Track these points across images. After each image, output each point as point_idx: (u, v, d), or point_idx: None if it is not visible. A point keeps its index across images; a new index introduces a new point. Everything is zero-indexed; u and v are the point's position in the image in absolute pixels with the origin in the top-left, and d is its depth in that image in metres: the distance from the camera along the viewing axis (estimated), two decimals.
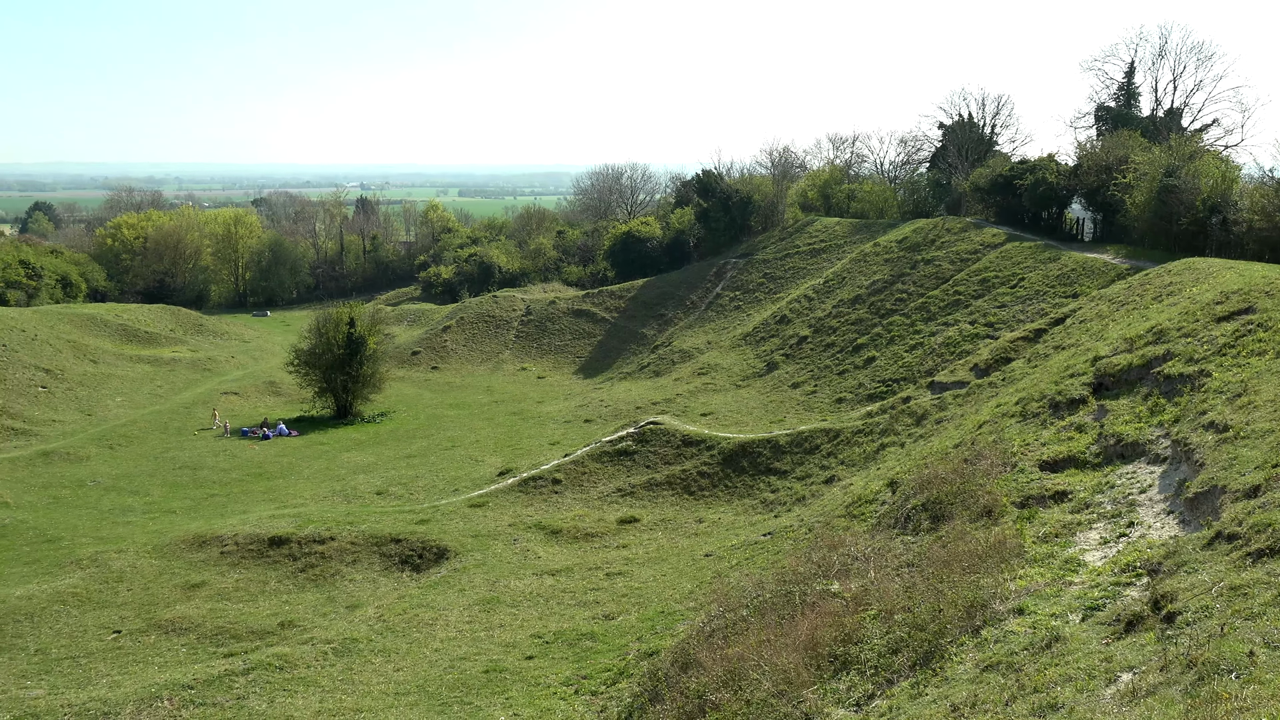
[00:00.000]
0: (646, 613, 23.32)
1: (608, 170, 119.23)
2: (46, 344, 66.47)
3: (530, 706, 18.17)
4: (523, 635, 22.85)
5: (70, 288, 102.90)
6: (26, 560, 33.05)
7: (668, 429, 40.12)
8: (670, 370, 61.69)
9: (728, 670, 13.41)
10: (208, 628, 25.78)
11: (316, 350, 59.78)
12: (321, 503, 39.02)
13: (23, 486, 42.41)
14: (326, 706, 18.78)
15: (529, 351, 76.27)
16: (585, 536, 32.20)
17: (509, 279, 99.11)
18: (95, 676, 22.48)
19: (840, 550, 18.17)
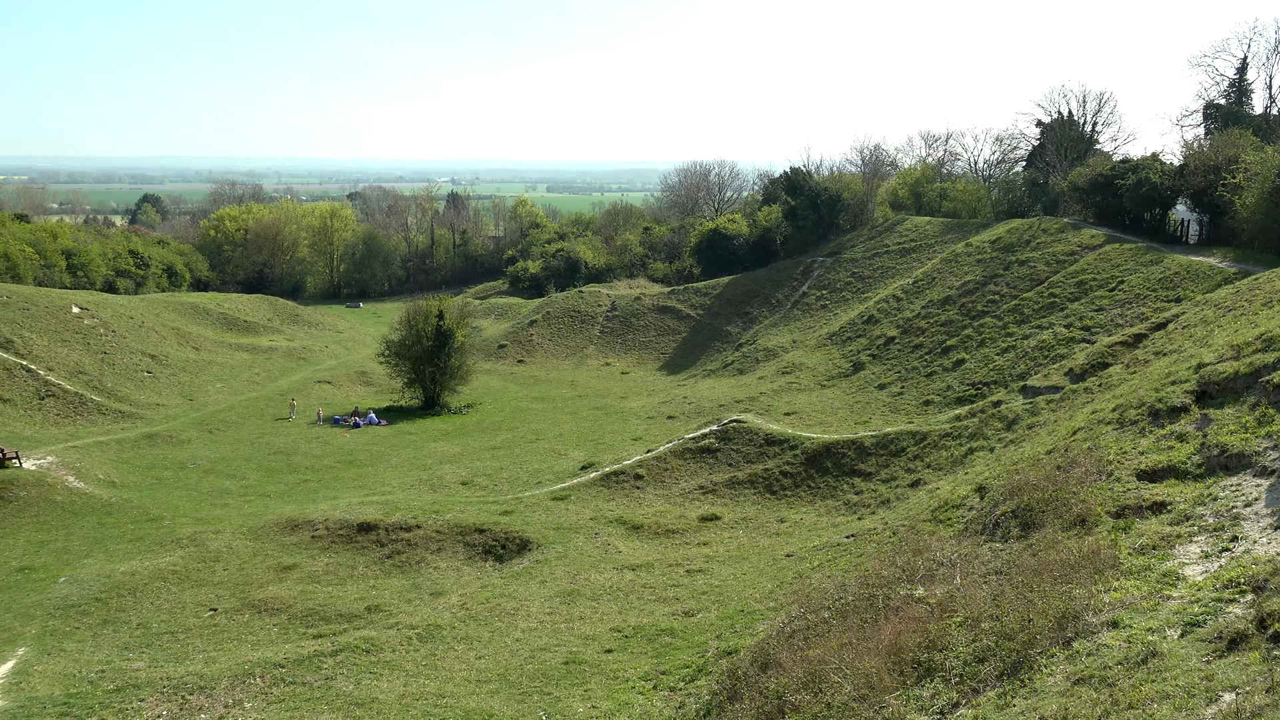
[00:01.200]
0: (726, 611, 23.24)
1: (695, 167, 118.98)
2: (152, 331, 69.17)
3: (609, 699, 18.27)
4: (602, 628, 22.99)
5: (175, 277, 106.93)
6: (131, 538, 34.48)
7: (751, 427, 39.91)
8: (754, 368, 61.36)
9: (808, 672, 13.29)
10: (298, 609, 26.54)
11: (406, 342, 61.02)
12: (408, 491, 39.83)
13: (128, 467, 44.22)
14: (410, 690, 19.16)
15: (613, 347, 76.63)
16: (666, 533, 32.24)
17: (595, 275, 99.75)
18: (192, 652, 23.34)
19: (925, 555, 17.85)
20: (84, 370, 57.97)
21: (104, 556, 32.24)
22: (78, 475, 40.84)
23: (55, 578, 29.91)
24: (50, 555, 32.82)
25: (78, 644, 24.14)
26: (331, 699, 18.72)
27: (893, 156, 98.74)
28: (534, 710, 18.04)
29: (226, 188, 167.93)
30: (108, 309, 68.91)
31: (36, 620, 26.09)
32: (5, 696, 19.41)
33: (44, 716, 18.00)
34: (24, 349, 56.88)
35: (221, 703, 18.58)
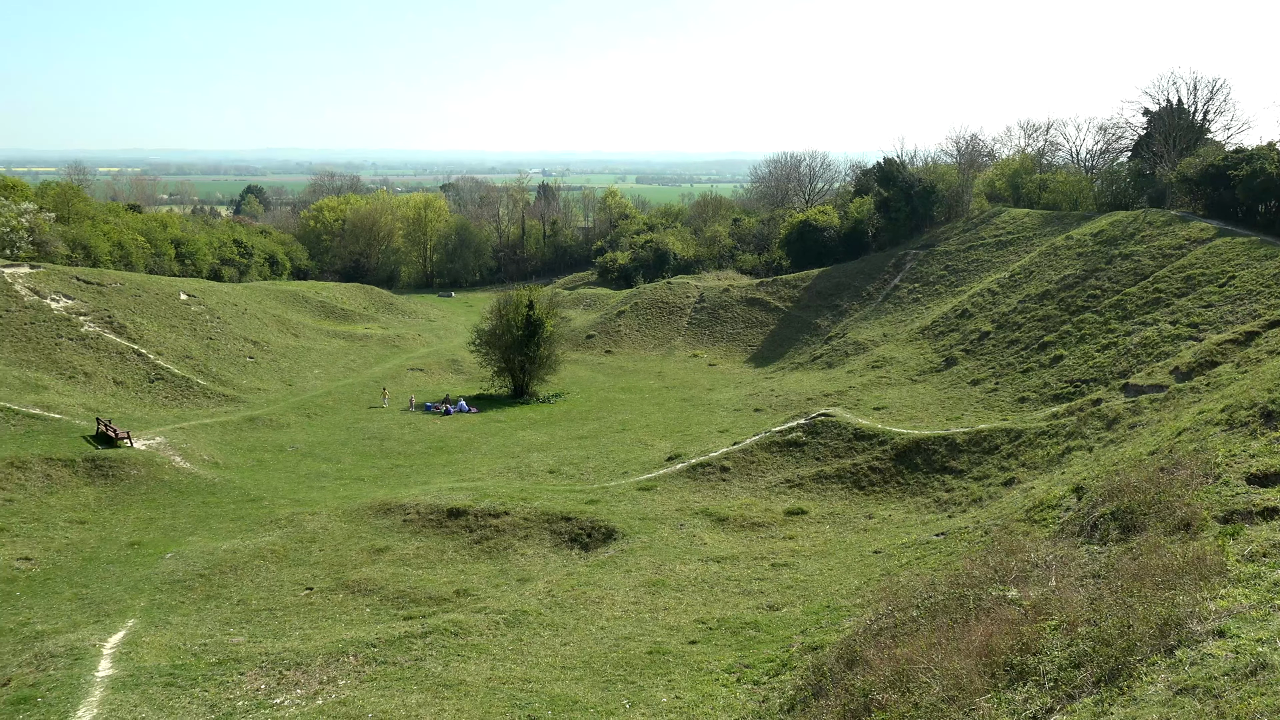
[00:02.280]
0: (811, 606, 23.04)
1: (786, 158, 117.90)
2: (254, 318, 71.50)
3: (692, 691, 18.28)
4: (687, 620, 23.01)
5: (276, 265, 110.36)
6: (233, 517, 35.76)
7: (839, 421, 39.44)
8: (843, 362, 60.61)
9: (895, 670, 13.09)
10: (390, 591, 27.19)
11: (497, 331, 61.90)
12: (497, 478, 40.43)
13: (231, 449, 45.85)
14: (497, 674, 19.47)
15: (701, 338, 76.51)
16: (752, 525, 32.09)
17: (683, 266, 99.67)
18: (289, 629, 24.10)
19: (1019, 556, 17.42)
20: (190, 355, 60.24)
21: (207, 534, 33.51)
22: (184, 456, 42.49)
23: (162, 553, 31.20)
24: (158, 532, 34.25)
25: (183, 617, 25.15)
26: (421, 680, 19.12)
27: (990, 147, 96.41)
28: (618, 698, 18.15)
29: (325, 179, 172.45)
30: (213, 296, 71.48)
31: (145, 593, 27.26)
32: (116, 665, 20.33)
33: (151, 685, 18.80)
34: (135, 334, 59.37)
35: (316, 679, 19.14)
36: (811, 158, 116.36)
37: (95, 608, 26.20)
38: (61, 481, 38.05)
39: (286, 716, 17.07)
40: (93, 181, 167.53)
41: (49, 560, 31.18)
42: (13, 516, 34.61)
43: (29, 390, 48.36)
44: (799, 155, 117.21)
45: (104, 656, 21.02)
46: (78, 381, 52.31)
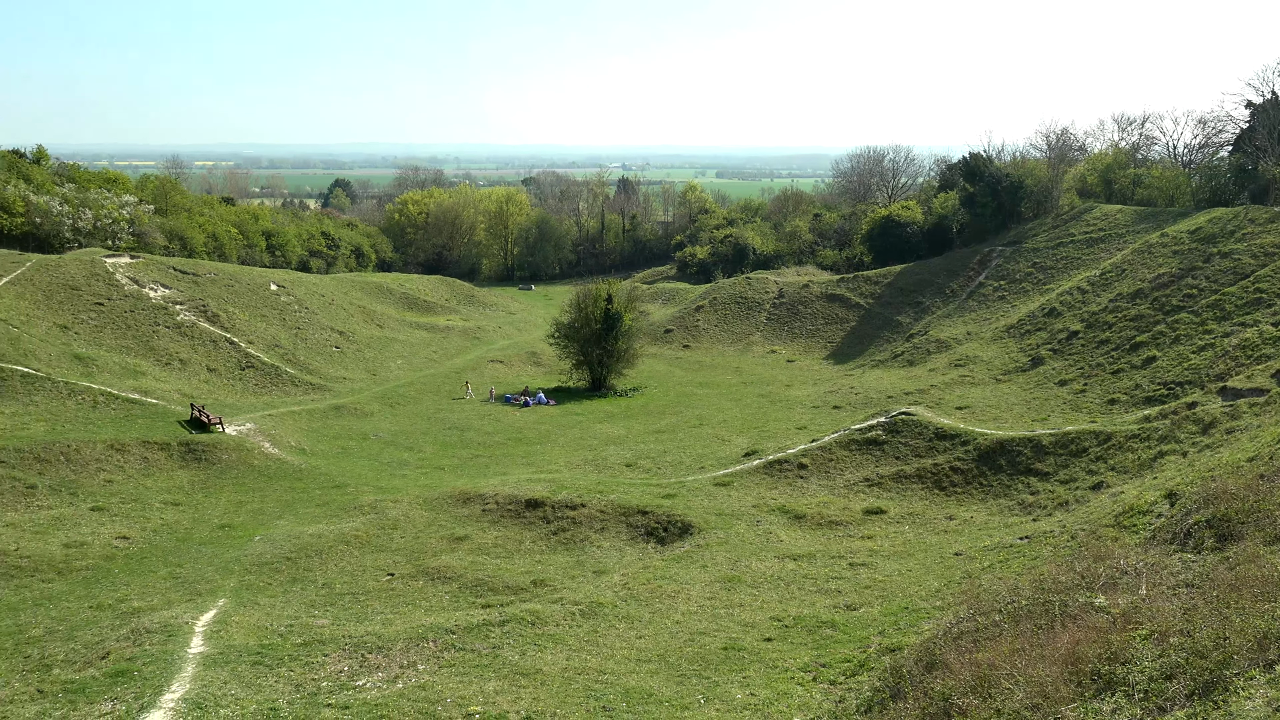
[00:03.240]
0: (890, 607, 22.73)
1: (868, 152, 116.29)
2: (341, 308, 73.20)
3: (767, 688, 18.19)
4: (762, 617, 22.89)
5: (362, 257, 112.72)
6: (318, 502, 36.71)
7: (920, 420, 38.81)
8: (925, 360, 59.60)
9: (977, 676, 12.84)
10: (468, 579, 27.61)
11: (575, 324, 62.34)
12: (574, 470, 40.74)
13: (317, 436, 47.03)
14: (573, 664, 19.63)
15: (779, 334, 75.99)
16: (829, 524, 31.79)
17: (762, 261, 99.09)
18: (371, 613, 24.65)
19: (1107, 562, 16.93)
20: (280, 344, 61.94)
21: (294, 519, 34.46)
22: (272, 442, 43.73)
23: (251, 536, 32.17)
24: (247, 515, 35.34)
25: (270, 599, 25.90)
26: (498, 667, 19.37)
27: (1081, 141, 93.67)
28: (692, 693, 18.16)
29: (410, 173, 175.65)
30: (301, 287, 73.38)
31: (234, 574, 28.15)
32: (207, 643, 21.04)
33: (240, 663, 19.41)
34: (228, 323, 61.26)
35: (397, 663, 19.54)
36: (895, 152, 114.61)
37: (188, 586, 27.14)
38: (158, 464, 39.48)
39: (368, 699, 17.46)
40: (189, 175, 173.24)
41: (145, 539, 32.40)
42: (112, 497, 36.05)
43: (128, 376, 50.27)
44: (882, 149, 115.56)
45: (196, 634, 21.77)
46: (173, 368, 54.20)
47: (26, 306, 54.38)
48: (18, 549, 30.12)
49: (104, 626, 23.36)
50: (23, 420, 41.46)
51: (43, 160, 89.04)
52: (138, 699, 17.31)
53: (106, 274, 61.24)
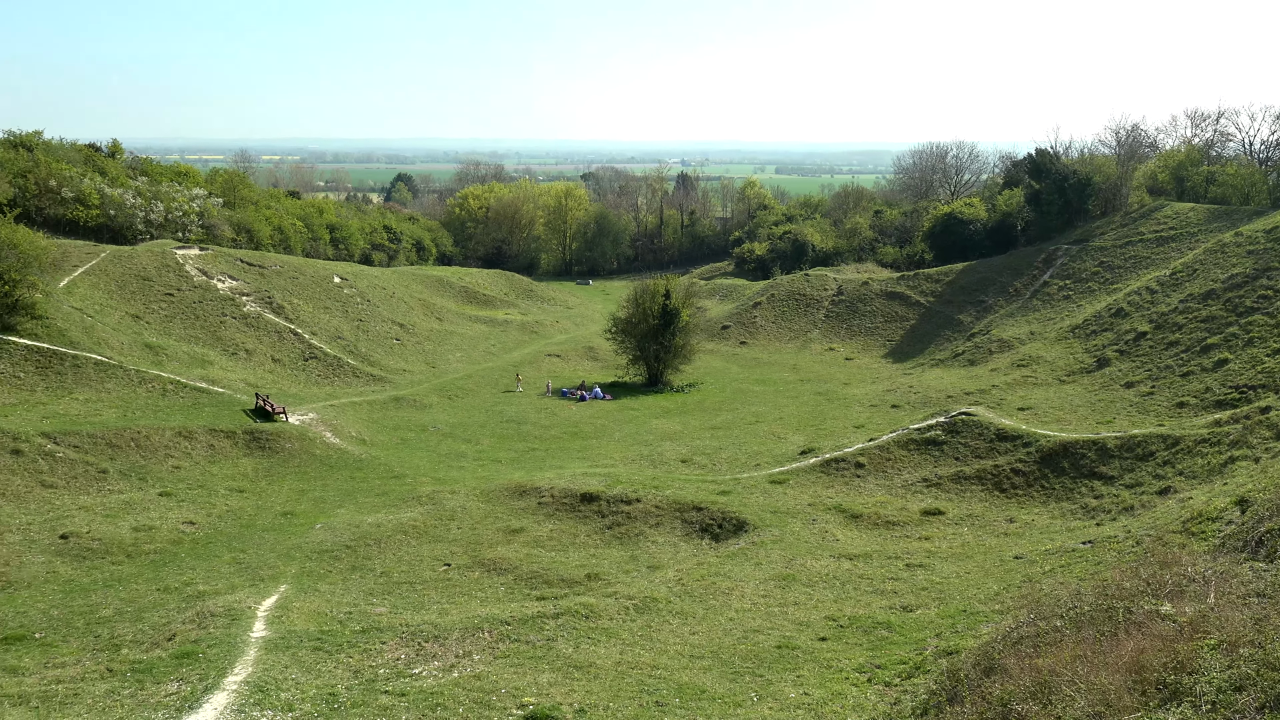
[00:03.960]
0: (947, 609, 22.43)
1: (931, 148, 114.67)
2: (401, 301, 74.17)
3: (821, 688, 18.06)
4: (817, 616, 22.74)
5: (423, 251, 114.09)
6: (378, 492, 37.27)
7: (981, 421, 38.22)
8: (986, 360, 58.67)
9: (1036, 681, 12.61)
10: (524, 571, 27.83)
11: (633, 319, 62.44)
12: (630, 465, 40.83)
13: (377, 427, 47.74)
14: (626, 659, 19.68)
15: (838, 332, 75.36)
16: (886, 524, 31.46)
17: (821, 258, 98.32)
18: (428, 602, 24.96)
19: (1174, 569, 16.51)
20: (342, 336, 62.97)
21: (354, 508, 35.02)
22: (334, 432, 44.49)
23: (312, 524, 32.78)
24: (309, 503, 36.01)
25: (330, 586, 26.37)
26: (552, 659, 19.50)
27: (1152, 137, 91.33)
28: (745, 690, 18.10)
29: (471, 168, 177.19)
30: (364, 280, 74.49)
31: (296, 561, 28.70)
32: (269, 627, 21.49)
33: (301, 648, 19.79)
34: (293, 314, 62.43)
35: (453, 652, 19.76)
36: (958, 148, 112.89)
37: (251, 572, 27.74)
38: (223, 451, 40.40)
39: (424, 687, 17.69)
40: (256, 169, 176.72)
41: (210, 525, 33.19)
42: (179, 482, 36.98)
43: (197, 365, 51.50)
44: (945, 146, 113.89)
45: (258, 618, 22.24)
46: (239, 358, 55.39)
47: (101, 296, 55.96)
48: (89, 531, 31.05)
49: (170, 609, 23.98)
50: (96, 406, 42.69)
51: (117, 154, 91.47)
52: (202, 680, 17.74)
53: (177, 265, 62.77)
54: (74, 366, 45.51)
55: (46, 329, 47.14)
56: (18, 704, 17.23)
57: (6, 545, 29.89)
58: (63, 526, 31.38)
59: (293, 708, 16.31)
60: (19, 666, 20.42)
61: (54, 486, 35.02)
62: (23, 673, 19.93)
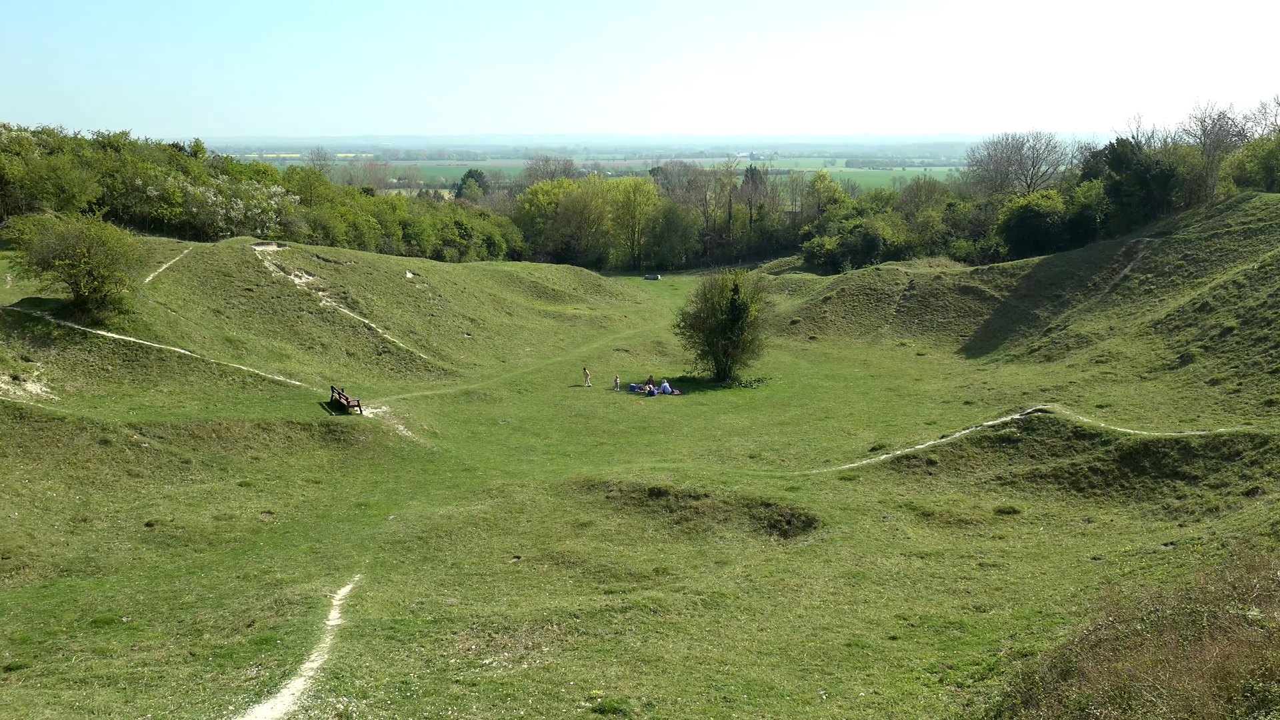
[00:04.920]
0: (1022, 610, 22.00)
1: (1006, 140, 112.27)
2: (472, 296, 75.07)
3: (891, 687, 17.86)
4: (887, 614, 22.48)
5: (493, 246, 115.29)
6: (449, 484, 37.79)
7: (1058, 418, 37.34)
8: (1063, 356, 57.31)
9: (1116, 686, 12.30)
10: (592, 564, 27.99)
11: (701, 314, 62.33)
12: (698, 460, 40.77)
13: (448, 420, 48.40)
14: (694, 654, 19.69)
15: (909, 327, 74.29)
16: (958, 522, 30.95)
17: (893, 252, 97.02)
18: (498, 594, 25.25)
19: (1262, 573, 15.96)
20: (414, 330, 63.97)
21: (425, 500, 35.57)
22: (406, 425, 45.22)
23: (385, 515, 33.37)
24: (382, 495, 36.67)
25: (402, 576, 26.82)
26: (620, 653, 19.59)
27: (1240, 126, 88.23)
28: (814, 688, 17.98)
29: (540, 163, 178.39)
30: (435, 275, 75.56)
31: (370, 551, 29.26)
32: (344, 615, 21.96)
33: (374, 637, 20.19)
34: (367, 309, 63.60)
35: (522, 644, 19.98)
36: (1035, 139, 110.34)
37: (326, 561, 28.35)
38: (300, 443, 41.34)
39: (494, 677, 17.91)
40: (331, 166, 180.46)
41: (288, 515, 34.00)
42: (258, 473, 37.94)
43: (275, 358, 52.77)
44: (1021, 136, 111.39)
45: (334, 607, 22.75)
46: (315, 352, 56.63)
47: (184, 292, 57.66)
48: (173, 520, 32.04)
49: (250, 596, 24.63)
50: (179, 399, 44.01)
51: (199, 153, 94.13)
52: (280, 666, 18.20)
53: (256, 261, 64.37)
54: (159, 360, 46.96)
55: (133, 323, 48.70)
56: (106, 685, 17.87)
57: (96, 532, 31.02)
58: (148, 514, 32.44)
59: (367, 695, 16.64)
60: (107, 649, 21.18)
61: (140, 476, 36.21)
62: (111, 655, 20.66)
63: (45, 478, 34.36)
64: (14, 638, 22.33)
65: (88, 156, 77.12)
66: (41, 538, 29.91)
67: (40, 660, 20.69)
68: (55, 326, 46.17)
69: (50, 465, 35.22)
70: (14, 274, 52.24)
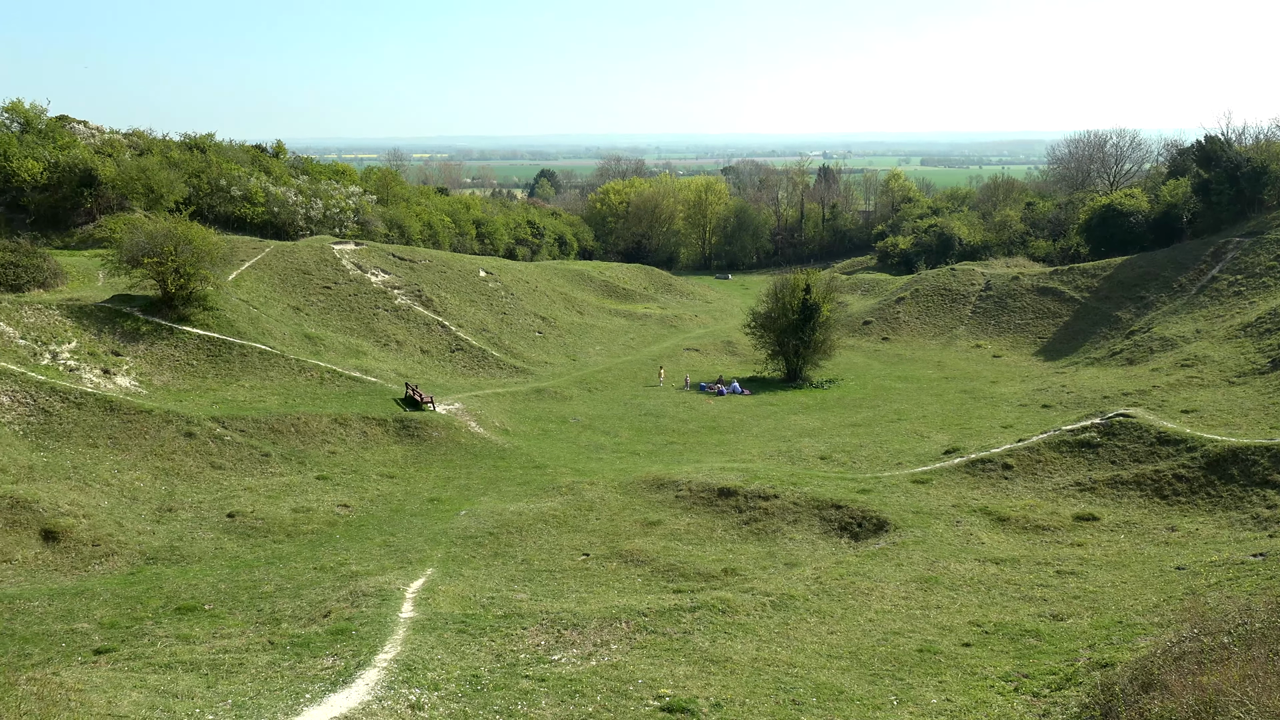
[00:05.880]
0: (1101, 620, 21.42)
1: (1089, 137, 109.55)
2: (544, 295, 75.66)
3: (965, 695, 17.55)
4: (960, 620, 22.09)
5: (565, 245, 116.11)
6: (519, 481, 38.17)
7: (1140, 423, 36.30)
8: (1147, 359, 55.69)
9: (1201, 700, 11.93)
10: (661, 563, 28.00)
11: (772, 314, 61.97)
12: (768, 461, 40.55)
13: (519, 417, 48.88)
14: (762, 655, 19.58)
15: (985, 328, 72.90)
16: (1035, 528, 30.28)
17: (969, 252, 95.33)
18: (567, 590, 25.42)
19: None
20: (486, 328, 64.73)
21: (497, 496, 35.97)
22: (478, 421, 45.78)
23: (457, 510, 33.83)
24: (454, 490, 37.19)
25: (473, 571, 27.15)
26: (688, 652, 19.57)
27: None
28: (885, 694, 17.75)
29: (612, 163, 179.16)
30: (508, 274, 76.34)
31: (442, 546, 29.68)
32: (417, 609, 22.31)
33: (446, 630, 20.47)
34: (440, 307, 64.54)
35: (591, 641, 20.07)
36: (1119, 136, 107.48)
37: (400, 555, 28.83)
38: (375, 438, 42.13)
39: (563, 673, 18.03)
40: (407, 167, 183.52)
41: (363, 508, 34.68)
42: (335, 467, 38.77)
43: (351, 355, 53.85)
44: (1103, 134, 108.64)
45: (407, 600, 23.12)
46: (391, 349, 57.64)
47: (265, 289, 59.16)
48: (253, 511, 32.91)
49: (326, 587, 25.17)
50: (260, 393, 45.17)
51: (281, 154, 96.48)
52: (355, 656, 18.56)
53: (334, 260, 65.76)
54: (241, 355, 48.26)
55: (217, 320, 50.13)
56: (190, 670, 18.40)
57: (180, 522, 32.01)
58: (229, 506, 33.37)
59: (439, 687, 16.88)
60: (190, 635, 21.83)
61: (222, 468, 37.25)
62: (194, 641, 21.29)
63: (133, 468, 35.55)
64: (103, 622, 23.15)
65: (175, 157, 79.56)
66: (129, 526, 30.96)
67: (127, 645, 21.40)
68: (144, 322, 47.74)
69: (138, 456, 36.44)
70: (106, 271, 54.23)
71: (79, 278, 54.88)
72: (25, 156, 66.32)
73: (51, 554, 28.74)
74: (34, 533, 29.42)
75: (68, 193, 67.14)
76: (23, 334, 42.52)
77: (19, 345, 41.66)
